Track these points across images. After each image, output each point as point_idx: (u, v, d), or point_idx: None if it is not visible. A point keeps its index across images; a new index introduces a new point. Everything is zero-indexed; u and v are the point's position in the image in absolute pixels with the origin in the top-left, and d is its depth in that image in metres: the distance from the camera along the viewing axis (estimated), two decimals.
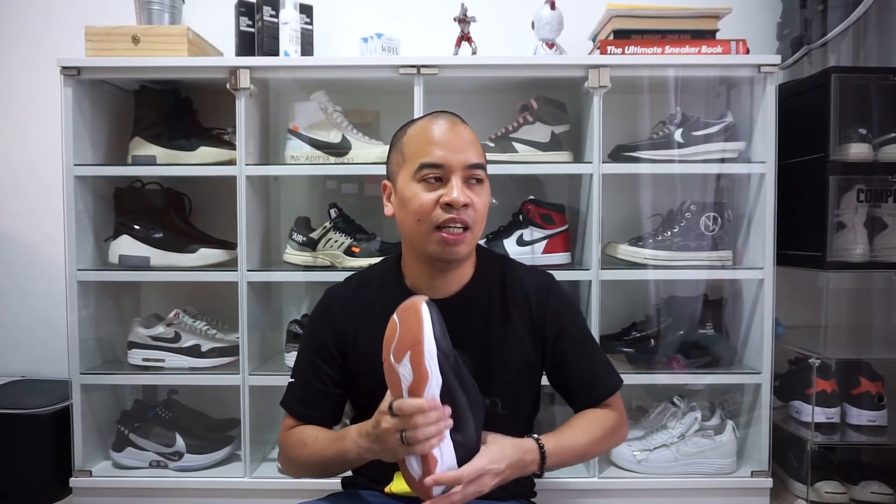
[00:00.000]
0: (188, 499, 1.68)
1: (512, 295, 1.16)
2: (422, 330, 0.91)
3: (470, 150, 1.08)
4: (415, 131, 1.11)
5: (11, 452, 1.75)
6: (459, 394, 0.96)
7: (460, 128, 1.10)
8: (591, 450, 1.15)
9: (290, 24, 1.72)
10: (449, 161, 1.05)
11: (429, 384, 0.91)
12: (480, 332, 1.13)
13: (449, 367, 0.94)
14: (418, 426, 0.90)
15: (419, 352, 0.90)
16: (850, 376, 1.73)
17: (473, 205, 1.06)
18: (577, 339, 1.18)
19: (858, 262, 1.66)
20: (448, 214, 1.05)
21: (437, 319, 0.94)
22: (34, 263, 2.02)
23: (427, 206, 1.05)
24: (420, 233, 1.07)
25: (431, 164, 1.05)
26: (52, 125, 1.71)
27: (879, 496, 1.67)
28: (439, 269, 1.12)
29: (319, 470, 1.13)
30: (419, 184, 1.06)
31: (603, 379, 1.18)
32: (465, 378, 0.98)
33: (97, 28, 1.66)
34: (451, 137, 1.07)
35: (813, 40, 1.78)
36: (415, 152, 1.08)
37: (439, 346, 0.92)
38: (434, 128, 1.09)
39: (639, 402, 1.89)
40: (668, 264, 1.70)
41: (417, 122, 1.13)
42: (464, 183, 1.06)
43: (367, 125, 1.79)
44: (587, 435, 1.12)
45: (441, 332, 0.94)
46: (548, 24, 1.75)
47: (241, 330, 1.65)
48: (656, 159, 1.69)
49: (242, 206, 1.64)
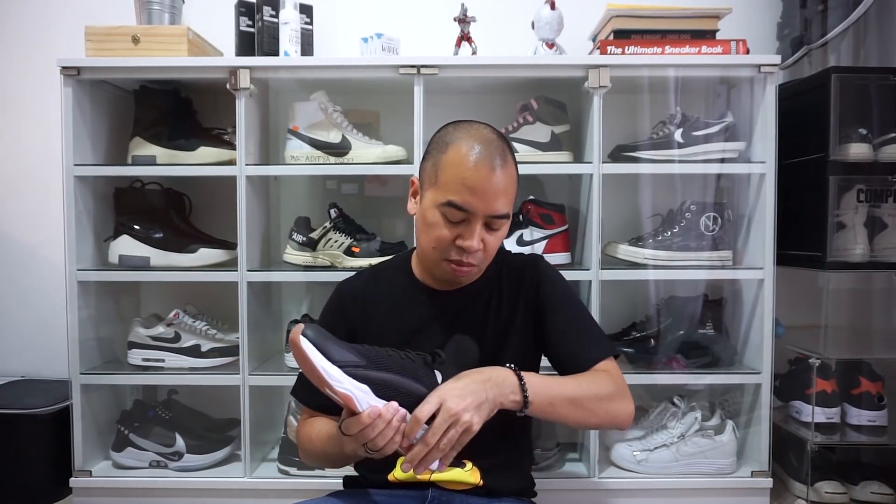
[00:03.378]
0: (188, 499, 1.67)
1: (508, 279, 1.20)
2: (313, 363, 0.89)
3: (500, 200, 1.06)
4: (456, 157, 1.06)
5: (11, 452, 1.75)
6: (391, 378, 0.93)
7: (499, 175, 1.05)
8: (583, 401, 1.05)
9: (290, 24, 1.72)
10: (476, 209, 1.05)
11: (356, 401, 0.90)
12: (485, 320, 1.17)
13: (364, 367, 0.92)
14: (370, 437, 0.91)
15: (326, 383, 0.90)
16: (850, 376, 1.73)
17: (486, 247, 1.09)
18: (566, 307, 1.19)
19: (858, 262, 1.66)
20: (459, 256, 1.08)
21: (323, 338, 0.91)
22: (34, 264, 2.02)
23: (444, 241, 1.08)
24: (432, 256, 1.11)
25: (460, 207, 1.05)
26: (52, 125, 1.72)
27: (879, 496, 1.67)
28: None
29: (330, 463, 1.17)
30: (442, 216, 1.07)
31: (593, 344, 1.16)
32: (387, 360, 0.95)
33: (97, 28, 1.66)
34: (486, 186, 1.04)
35: (813, 40, 1.78)
36: (447, 184, 1.06)
37: (341, 363, 0.90)
38: (475, 168, 1.04)
39: (639, 402, 1.88)
40: (668, 264, 1.70)
41: (462, 144, 1.06)
42: (484, 228, 1.08)
43: (367, 125, 1.79)
44: (577, 384, 1.07)
45: (335, 346, 0.91)
46: (548, 24, 1.75)
47: (241, 330, 1.65)
48: (656, 159, 1.69)
49: (242, 206, 1.64)
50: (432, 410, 0.92)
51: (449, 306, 1.18)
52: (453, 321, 1.17)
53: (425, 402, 0.93)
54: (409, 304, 1.19)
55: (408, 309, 1.19)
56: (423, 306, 1.18)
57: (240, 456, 1.70)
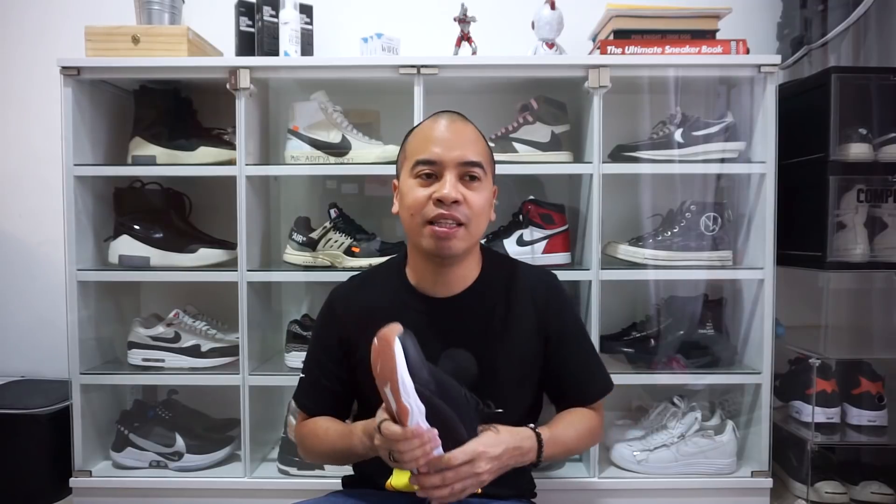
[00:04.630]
0: (188, 499, 1.67)
1: (517, 296, 1.17)
2: (396, 367, 0.91)
3: (467, 147, 1.09)
4: (418, 130, 1.16)
5: (11, 452, 1.74)
6: (446, 411, 0.96)
7: (459, 125, 1.12)
8: (576, 446, 1.18)
9: (290, 24, 1.72)
10: (442, 157, 1.07)
11: (410, 415, 0.93)
12: (483, 332, 1.14)
13: (431, 391, 0.94)
14: (403, 451, 0.93)
15: (396, 388, 0.92)
16: (850, 376, 1.73)
17: (467, 201, 1.08)
18: (576, 339, 1.21)
19: (858, 262, 1.66)
20: (439, 210, 1.06)
21: (412, 348, 0.94)
22: (34, 264, 2.02)
23: (420, 201, 1.07)
24: (414, 227, 1.10)
25: (426, 160, 1.08)
26: (52, 125, 1.71)
27: (879, 496, 1.67)
28: (440, 266, 1.12)
29: (334, 460, 1.18)
30: (415, 179, 1.09)
31: (597, 379, 1.21)
32: (451, 392, 0.98)
33: (97, 28, 1.66)
34: (447, 135, 1.09)
35: (813, 40, 1.78)
36: (413, 150, 1.11)
37: (417, 378, 0.93)
38: (433, 125, 1.12)
39: (639, 402, 1.89)
40: (668, 264, 1.70)
41: (422, 123, 1.17)
42: (459, 180, 1.08)
43: (367, 125, 1.79)
44: (575, 430, 1.16)
45: (418, 360, 0.94)
46: (548, 24, 1.75)
47: (241, 330, 1.65)
48: (656, 159, 1.69)
49: (242, 206, 1.64)
50: (464, 462, 0.96)
51: (445, 314, 1.15)
52: (449, 330, 1.13)
53: (462, 452, 0.97)
54: (402, 312, 1.14)
55: (401, 317, 1.12)
56: (417, 314, 1.15)
57: (240, 456, 1.69)
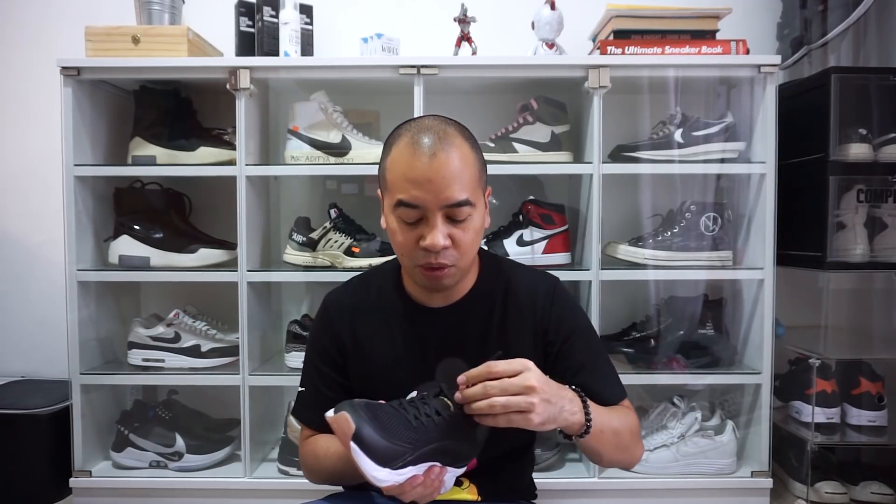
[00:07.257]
0: (188, 499, 1.68)
1: (515, 302, 1.11)
2: (361, 467, 0.85)
3: (453, 186, 0.94)
4: (396, 154, 0.98)
5: (11, 452, 1.75)
6: (439, 445, 0.89)
7: (442, 158, 0.94)
8: (622, 434, 1.02)
9: (290, 25, 1.72)
10: (426, 202, 0.94)
11: (399, 485, 0.87)
12: (480, 340, 1.10)
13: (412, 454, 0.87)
14: (405, 495, 0.88)
15: (370, 482, 0.86)
16: (850, 376, 1.73)
17: (456, 243, 0.98)
18: (585, 342, 1.13)
19: (858, 263, 1.66)
20: (427, 259, 0.97)
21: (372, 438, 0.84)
22: (34, 264, 2.02)
23: (407, 246, 0.98)
24: (404, 262, 1.04)
25: (408, 203, 0.95)
26: (52, 125, 1.72)
27: (879, 496, 1.67)
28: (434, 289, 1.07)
29: (337, 481, 1.11)
30: (398, 219, 0.98)
31: (616, 381, 1.12)
32: (431, 432, 0.89)
33: (97, 28, 1.66)
34: (430, 174, 0.94)
35: (813, 40, 1.78)
36: (393, 184, 0.97)
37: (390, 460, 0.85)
38: (413, 160, 0.95)
39: (639, 403, 1.89)
40: (668, 264, 1.70)
41: (402, 140, 0.98)
42: (446, 221, 0.96)
43: (367, 125, 1.79)
44: (619, 417, 1.03)
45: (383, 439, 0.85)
46: (548, 25, 1.75)
47: (241, 330, 1.65)
48: (656, 159, 1.69)
49: (242, 206, 1.64)
50: (509, 368, 0.86)
51: (441, 324, 1.09)
52: (444, 339, 1.08)
53: (508, 362, 0.87)
54: (398, 323, 1.10)
55: (397, 328, 1.10)
56: (412, 325, 1.09)
57: (240, 456, 1.70)
